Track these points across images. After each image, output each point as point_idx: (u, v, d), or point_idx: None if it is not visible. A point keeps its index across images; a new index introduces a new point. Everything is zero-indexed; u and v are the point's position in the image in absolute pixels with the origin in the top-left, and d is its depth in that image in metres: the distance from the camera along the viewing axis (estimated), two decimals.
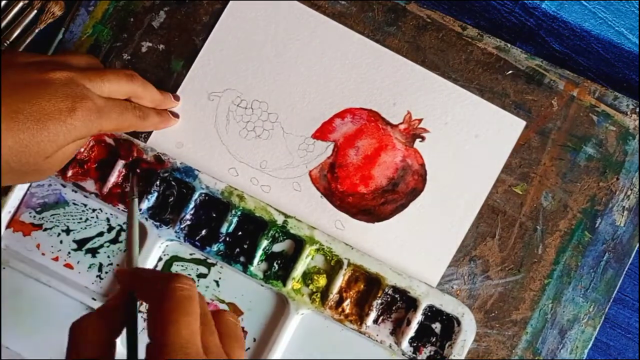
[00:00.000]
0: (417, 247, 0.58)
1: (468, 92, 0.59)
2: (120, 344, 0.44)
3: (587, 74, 0.61)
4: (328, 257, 0.58)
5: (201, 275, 0.59)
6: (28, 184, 0.59)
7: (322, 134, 0.59)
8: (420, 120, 0.59)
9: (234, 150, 0.59)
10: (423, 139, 0.59)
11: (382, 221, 0.58)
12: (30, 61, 0.51)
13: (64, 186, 0.59)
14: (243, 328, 0.58)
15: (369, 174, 0.58)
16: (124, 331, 0.44)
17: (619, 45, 0.61)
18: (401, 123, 0.59)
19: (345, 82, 0.59)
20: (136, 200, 0.54)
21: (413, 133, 0.59)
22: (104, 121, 0.51)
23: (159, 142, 0.59)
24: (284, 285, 0.57)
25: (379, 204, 0.58)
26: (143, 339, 0.41)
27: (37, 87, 0.49)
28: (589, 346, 0.57)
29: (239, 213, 0.58)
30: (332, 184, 0.58)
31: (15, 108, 0.47)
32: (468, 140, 0.58)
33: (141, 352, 0.42)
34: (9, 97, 0.48)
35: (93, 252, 0.59)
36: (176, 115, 0.59)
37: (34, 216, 0.60)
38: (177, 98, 0.59)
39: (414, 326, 0.57)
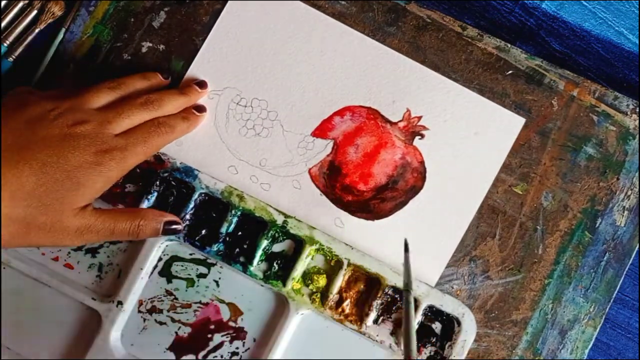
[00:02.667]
0: (417, 245, 0.58)
1: (467, 89, 0.59)
2: None
3: (587, 74, 0.61)
4: (328, 257, 0.58)
5: (201, 275, 0.59)
6: None
7: (321, 131, 0.59)
8: (419, 118, 0.59)
9: (234, 148, 0.59)
10: (422, 136, 0.59)
11: (382, 219, 0.58)
12: (57, 112, 0.52)
13: None
14: (243, 328, 0.58)
15: (369, 172, 0.58)
16: None
17: (619, 45, 0.61)
18: (400, 121, 0.59)
19: (344, 80, 0.59)
20: (412, 294, 0.52)
21: (412, 130, 0.59)
22: (131, 159, 0.53)
23: None
24: (284, 285, 0.57)
25: (378, 201, 0.58)
26: None
27: (64, 141, 0.51)
28: (589, 346, 0.57)
29: (238, 213, 0.58)
30: (332, 181, 0.58)
31: (44, 161, 0.50)
32: (467, 138, 0.58)
33: None
34: (39, 152, 0.50)
35: (93, 252, 0.59)
36: (203, 109, 0.59)
37: None
38: (203, 85, 0.60)
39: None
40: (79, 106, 0.53)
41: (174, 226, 0.56)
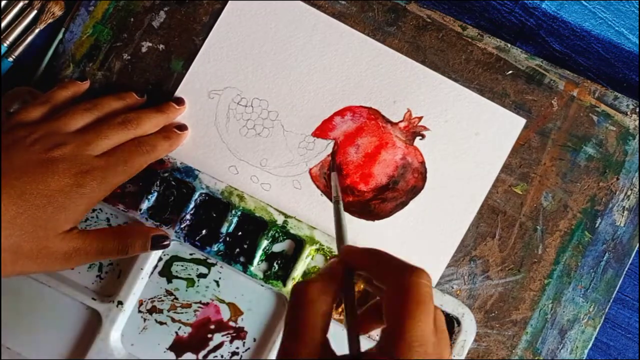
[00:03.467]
0: (417, 245, 0.58)
1: (468, 90, 0.59)
2: None
3: (587, 74, 0.61)
4: (328, 257, 0.58)
5: (201, 275, 0.59)
6: None
7: (322, 131, 0.59)
8: (420, 118, 0.59)
9: (234, 148, 0.59)
10: (423, 136, 0.59)
11: (382, 219, 0.58)
12: (32, 138, 0.52)
13: None
14: (243, 328, 0.58)
15: (369, 172, 0.58)
16: None
17: (619, 45, 0.61)
18: (401, 121, 0.59)
19: (345, 80, 0.59)
20: (341, 203, 0.54)
21: (413, 131, 0.59)
22: (113, 179, 0.53)
23: None
24: (284, 285, 0.57)
25: (379, 202, 0.58)
26: None
27: (41, 167, 0.51)
28: (589, 346, 0.57)
29: (239, 213, 0.58)
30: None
31: (23, 189, 0.50)
32: (468, 138, 0.59)
33: None
34: (16, 179, 0.50)
35: None
36: (184, 128, 0.59)
37: None
38: (180, 102, 0.59)
39: None
40: (56, 130, 0.53)
41: (162, 242, 0.56)
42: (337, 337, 0.43)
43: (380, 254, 0.44)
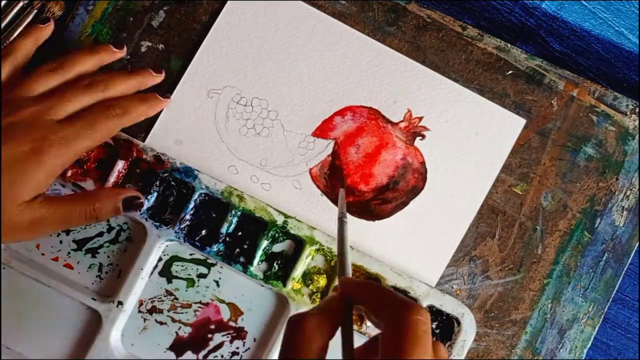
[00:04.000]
0: (417, 245, 0.58)
1: (468, 90, 0.59)
2: None
3: (587, 74, 0.61)
4: (328, 257, 0.58)
5: (201, 275, 0.59)
6: None
7: (322, 131, 0.59)
8: (420, 118, 0.59)
9: (234, 148, 0.59)
10: (423, 137, 0.59)
11: (382, 219, 0.58)
12: None
13: (64, 186, 0.59)
14: (243, 328, 0.58)
15: (370, 172, 0.58)
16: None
17: (619, 45, 0.61)
18: (402, 121, 0.59)
19: (345, 80, 0.59)
20: (346, 223, 0.52)
21: (413, 131, 0.59)
22: (76, 145, 0.51)
23: (158, 139, 0.59)
24: (284, 285, 0.57)
25: (379, 202, 0.58)
26: None
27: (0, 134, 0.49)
28: (588, 346, 0.58)
29: (238, 213, 0.58)
30: (333, 181, 0.58)
31: None
32: (468, 139, 0.59)
33: None
34: None
35: (93, 252, 0.59)
36: (166, 95, 0.57)
37: None
38: (158, 70, 0.58)
39: None
40: (16, 95, 0.51)
41: (135, 202, 0.54)
42: (336, 337, 0.43)
43: (378, 288, 0.43)
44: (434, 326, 0.57)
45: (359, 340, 0.57)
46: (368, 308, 0.43)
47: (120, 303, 0.57)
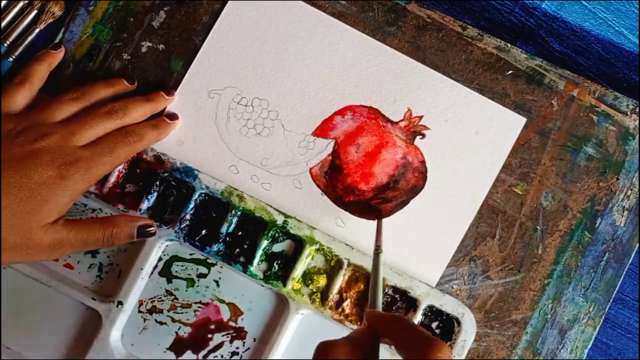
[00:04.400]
0: (418, 244, 0.58)
1: (468, 89, 0.59)
2: None
3: (587, 74, 0.61)
4: (328, 257, 0.58)
5: (201, 275, 0.59)
6: None
7: (322, 131, 0.59)
8: (420, 118, 0.59)
9: (235, 148, 0.59)
10: (423, 136, 0.59)
11: (383, 219, 0.58)
12: (17, 130, 0.52)
13: None
14: (243, 328, 0.58)
15: (370, 171, 0.58)
16: None
17: (619, 45, 0.61)
18: (402, 120, 0.59)
19: (345, 80, 0.59)
20: (381, 255, 0.54)
21: (413, 130, 0.59)
22: (97, 170, 0.53)
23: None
24: (284, 285, 0.57)
25: (379, 201, 0.58)
26: None
27: (25, 159, 0.51)
28: (589, 346, 0.57)
29: (238, 213, 0.58)
30: (333, 181, 0.58)
31: (6, 182, 0.50)
32: (468, 138, 0.59)
33: None
34: (1, 174, 0.50)
35: (93, 252, 0.59)
36: (174, 117, 0.59)
37: None
38: (170, 93, 0.59)
39: None
40: (41, 121, 0.53)
41: (148, 229, 0.55)
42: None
43: (404, 322, 0.45)
44: (434, 326, 0.57)
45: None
46: (394, 342, 0.45)
47: (120, 303, 0.57)
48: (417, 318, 0.56)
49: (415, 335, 0.43)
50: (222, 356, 0.58)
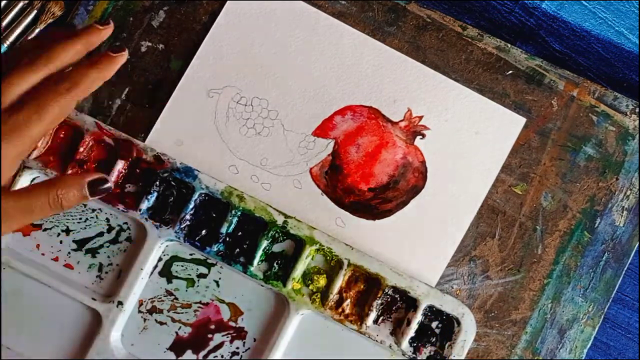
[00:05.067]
0: (418, 245, 0.58)
1: (468, 89, 0.59)
2: None
3: (587, 74, 0.61)
4: (328, 258, 0.58)
5: (201, 275, 0.59)
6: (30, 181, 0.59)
7: (322, 131, 0.59)
8: (420, 118, 0.59)
9: (234, 148, 0.59)
10: (423, 136, 0.59)
11: (383, 219, 0.58)
12: None
13: None
14: (243, 328, 0.58)
15: (370, 171, 0.58)
16: None
17: (619, 45, 0.61)
18: (402, 120, 0.59)
19: (345, 80, 0.59)
20: None
21: (413, 130, 0.59)
22: (29, 131, 0.47)
23: (159, 139, 0.59)
24: (284, 285, 0.57)
25: (379, 201, 0.58)
26: None
27: None
28: (588, 346, 0.57)
29: (238, 213, 0.58)
30: (333, 181, 0.58)
31: None
32: (468, 138, 0.59)
33: None
34: None
35: (93, 252, 0.59)
36: (120, 49, 0.50)
37: None
38: (105, 23, 0.51)
39: (414, 326, 0.57)
40: None
41: (101, 186, 0.49)
42: (336, 337, 0.43)
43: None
44: (434, 326, 0.57)
45: (359, 342, 0.57)
46: None
47: (120, 303, 0.57)
48: (417, 318, 0.56)
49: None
50: (222, 356, 0.58)
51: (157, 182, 0.58)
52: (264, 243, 0.57)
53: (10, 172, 0.47)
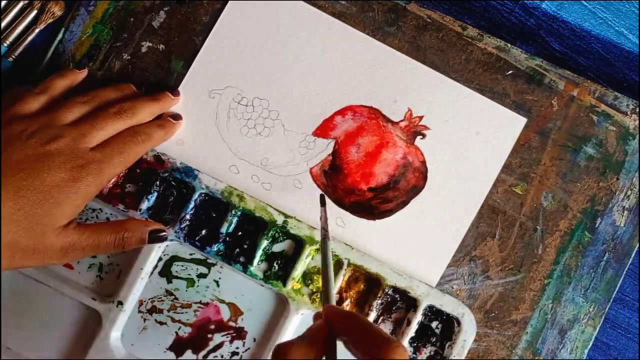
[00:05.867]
0: (418, 245, 0.58)
1: (469, 89, 0.59)
2: None
3: (587, 74, 0.61)
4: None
5: (201, 275, 0.59)
6: None
7: (323, 131, 0.59)
8: (421, 118, 0.59)
9: (235, 148, 0.59)
10: (424, 136, 0.59)
11: (383, 218, 0.58)
12: (29, 132, 0.52)
13: None
14: (243, 328, 0.58)
15: (370, 171, 0.59)
16: None
17: (619, 45, 0.61)
18: (402, 120, 0.59)
19: (345, 80, 0.59)
20: (329, 241, 0.53)
21: (414, 130, 0.59)
22: (108, 171, 0.53)
23: None
24: (284, 285, 0.57)
25: (379, 201, 0.58)
26: None
27: (37, 161, 0.51)
28: (589, 346, 0.57)
29: (238, 213, 0.58)
30: (333, 181, 0.58)
31: (19, 185, 0.50)
32: (469, 138, 0.59)
33: None
34: (12, 175, 0.50)
35: None
36: (178, 117, 0.59)
37: None
38: (176, 93, 0.59)
39: (414, 326, 0.57)
40: (52, 123, 0.53)
41: (160, 234, 0.55)
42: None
43: (360, 321, 0.45)
44: (434, 326, 0.57)
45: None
46: (350, 340, 0.44)
47: (120, 303, 0.57)
48: (417, 318, 0.56)
49: (371, 334, 0.43)
50: (222, 356, 0.58)
51: (158, 182, 0.58)
52: (264, 243, 0.57)
53: (84, 205, 0.53)
